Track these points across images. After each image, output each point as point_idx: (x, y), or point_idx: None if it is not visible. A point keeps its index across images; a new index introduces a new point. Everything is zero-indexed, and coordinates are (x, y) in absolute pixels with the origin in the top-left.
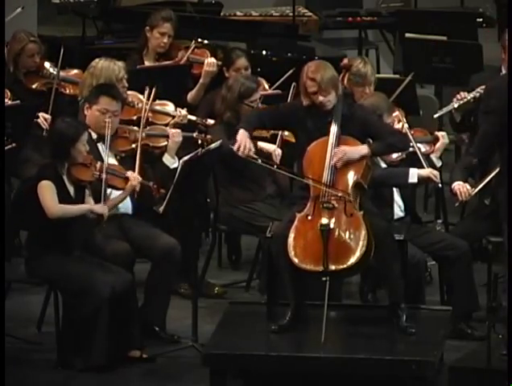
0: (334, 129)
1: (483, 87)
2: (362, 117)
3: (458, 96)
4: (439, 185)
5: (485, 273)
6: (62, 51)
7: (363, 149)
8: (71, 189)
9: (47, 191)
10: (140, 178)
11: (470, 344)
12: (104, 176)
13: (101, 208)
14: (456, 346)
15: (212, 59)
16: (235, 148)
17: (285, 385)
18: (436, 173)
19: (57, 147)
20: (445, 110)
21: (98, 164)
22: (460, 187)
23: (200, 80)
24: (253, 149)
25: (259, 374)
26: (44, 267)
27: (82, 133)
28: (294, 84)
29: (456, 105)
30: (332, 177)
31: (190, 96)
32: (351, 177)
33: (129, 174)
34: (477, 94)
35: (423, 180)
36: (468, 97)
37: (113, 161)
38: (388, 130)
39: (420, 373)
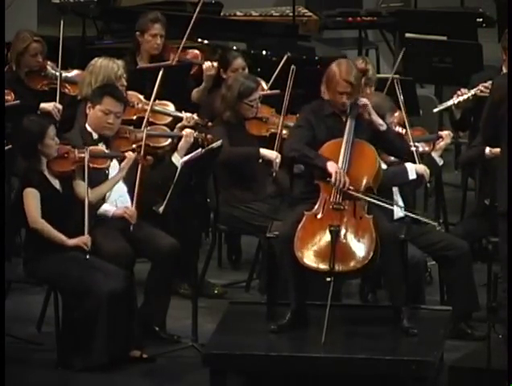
0: (348, 131)
1: (484, 84)
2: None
3: (459, 93)
4: (428, 184)
5: (485, 273)
6: (61, 39)
7: (381, 121)
8: (56, 183)
9: (30, 201)
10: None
11: (470, 344)
12: (86, 162)
13: (83, 239)
14: (456, 346)
15: (209, 63)
16: (332, 181)
17: (285, 385)
18: (428, 171)
19: (26, 146)
20: (445, 105)
21: (77, 152)
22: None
23: (203, 84)
24: (348, 183)
25: (259, 374)
26: (42, 268)
27: (47, 128)
28: (293, 67)
29: (456, 101)
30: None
31: (195, 95)
32: (364, 180)
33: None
34: (478, 91)
35: (418, 176)
36: (469, 94)
37: (115, 164)
38: (396, 134)
39: (420, 373)
